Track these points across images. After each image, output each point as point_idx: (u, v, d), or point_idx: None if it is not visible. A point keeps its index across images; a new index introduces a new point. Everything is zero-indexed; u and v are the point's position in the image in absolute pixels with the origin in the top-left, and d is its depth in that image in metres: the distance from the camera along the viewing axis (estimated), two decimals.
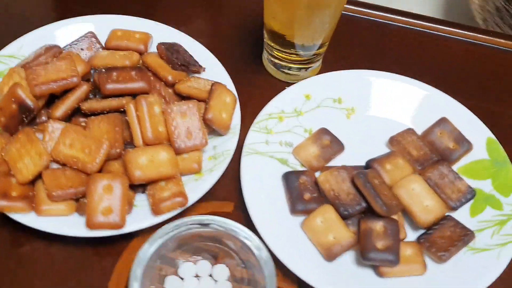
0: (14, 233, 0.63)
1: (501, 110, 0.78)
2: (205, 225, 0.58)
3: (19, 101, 0.64)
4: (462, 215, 0.66)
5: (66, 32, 0.76)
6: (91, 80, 0.71)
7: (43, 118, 0.68)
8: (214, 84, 0.69)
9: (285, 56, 0.75)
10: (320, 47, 0.75)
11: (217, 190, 0.67)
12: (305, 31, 0.71)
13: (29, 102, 0.64)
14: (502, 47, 0.84)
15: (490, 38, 0.84)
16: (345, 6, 0.84)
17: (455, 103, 0.73)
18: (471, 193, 0.66)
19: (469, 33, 0.84)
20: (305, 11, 0.68)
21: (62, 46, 0.73)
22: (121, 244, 0.63)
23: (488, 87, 0.81)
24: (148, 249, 0.56)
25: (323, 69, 0.79)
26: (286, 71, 0.77)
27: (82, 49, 0.74)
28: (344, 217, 0.63)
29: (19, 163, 0.62)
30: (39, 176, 0.62)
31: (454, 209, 0.66)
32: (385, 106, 0.74)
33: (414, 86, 0.74)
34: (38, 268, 0.61)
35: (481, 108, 0.76)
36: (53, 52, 0.70)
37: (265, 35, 0.76)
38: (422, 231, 0.65)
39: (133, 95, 0.67)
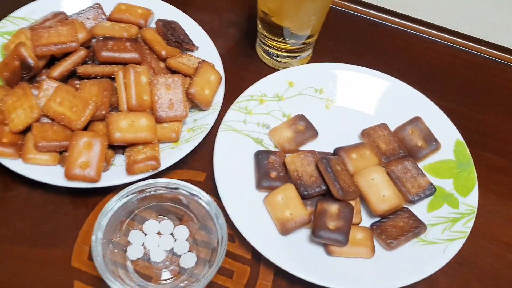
0: (1, 177, 0.69)
1: (473, 114, 0.81)
2: (173, 188, 0.64)
3: (22, 58, 0.70)
4: (419, 209, 0.69)
5: (76, 1, 0.81)
6: (92, 47, 0.76)
7: (43, 77, 0.74)
8: (201, 62, 0.74)
9: (275, 44, 0.79)
10: (308, 37, 0.79)
11: (193, 160, 0.72)
12: (293, 21, 0.75)
13: (30, 60, 0.70)
14: (486, 56, 0.86)
15: (475, 45, 0.86)
16: (342, 2, 0.88)
17: (430, 104, 0.76)
18: (431, 190, 0.69)
19: (455, 38, 0.87)
20: (293, 2, 0.72)
21: (70, 14, 0.79)
22: (96, 198, 0.68)
23: (467, 91, 0.83)
24: (114, 203, 0.61)
25: (313, 60, 0.83)
26: (275, 58, 0.81)
27: (88, 18, 0.80)
28: (303, 197, 0.67)
29: (13, 114, 0.68)
30: (29, 128, 0.68)
31: (411, 202, 0.69)
32: (363, 101, 0.77)
33: (394, 85, 0.78)
34: (20, 210, 0.67)
35: (456, 111, 0.79)
36: (60, 18, 0.76)
37: (258, 23, 0.80)
38: (377, 219, 0.68)
39: (126, 64, 0.73)
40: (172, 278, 0.63)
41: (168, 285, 0.62)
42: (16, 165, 0.66)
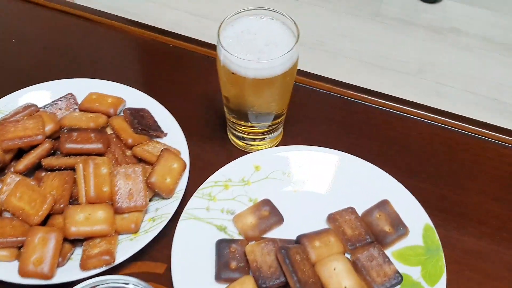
0: None
1: (451, 195, 0.77)
2: (123, 284, 0.62)
3: None
4: None
5: (49, 92, 0.84)
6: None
7: (12, 169, 0.75)
8: (163, 150, 0.74)
9: (243, 129, 0.79)
10: (274, 119, 0.78)
11: (153, 250, 0.71)
12: (254, 106, 0.75)
13: None
14: (467, 132, 0.84)
15: (455, 122, 0.84)
16: (313, 81, 0.88)
17: (399, 186, 0.74)
18: (397, 279, 0.66)
19: (435, 116, 0.85)
20: (251, 90, 0.72)
21: (43, 105, 0.81)
22: None
23: (446, 171, 0.80)
24: None
25: (283, 140, 0.82)
26: (244, 141, 0.81)
27: (60, 108, 0.82)
28: None
29: None
30: None
31: None
32: (332, 183, 0.76)
33: (363, 167, 0.76)
34: None
35: (433, 192, 0.77)
36: (30, 110, 0.79)
37: (224, 108, 0.81)
38: None
39: (90, 155, 0.73)
40: None
41: None
42: None
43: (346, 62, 1.91)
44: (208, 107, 0.88)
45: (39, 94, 0.83)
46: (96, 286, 0.62)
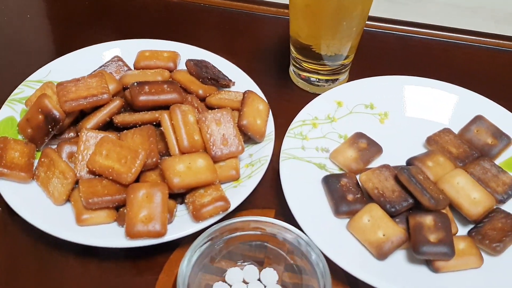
0: (50, 250, 0.60)
1: None
2: (259, 224, 0.57)
3: (46, 111, 0.64)
4: (511, 208, 0.64)
5: (92, 57, 0.76)
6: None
7: (72, 134, 0.67)
8: (247, 92, 0.69)
9: (313, 67, 0.75)
10: (346, 58, 0.75)
11: (256, 199, 0.66)
12: (331, 40, 0.71)
13: (55, 112, 0.64)
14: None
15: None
16: (368, 23, 0.85)
17: (488, 101, 0.72)
18: None
19: (489, 39, 0.85)
20: (331, 20, 0.68)
21: (90, 71, 0.74)
22: (161, 257, 0.60)
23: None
24: (191, 257, 0.54)
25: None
26: (314, 83, 0.77)
27: (110, 72, 0.74)
28: (391, 214, 0.61)
29: (50, 186, 0.61)
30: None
31: (501, 202, 0.64)
32: (417, 109, 0.73)
33: (445, 89, 0.74)
34: (75, 286, 0.59)
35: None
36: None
37: (292, 49, 0.76)
38: (471, 226, 0.62)
39: (166, 108, 0.66)
40: None
41: None
42: (70, 234, 0.58)
43: None
44: (264, 55, 0.83)
45: (82, 60, 0.75)
46: (218, 233, 0.56)
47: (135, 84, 0.67)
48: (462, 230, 0.62)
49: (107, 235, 0.58)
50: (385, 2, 0.90)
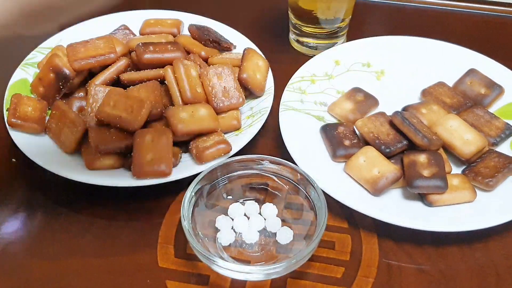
0: (62, 195, 0.64)
1: None
2: (258, 161, 0.60)
3: (56, 69, 0.67)
4: (503, 150, 0.66)
5: (100, 26, 0.80)
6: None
7: (81, 94, 0.71)
8: (246, 49, 0.72)
9: (312, 30, 0.79)
10: (342, 21, 0.78)
11: (257, 148, 0.69)
12: (327, 2, 0.75)
13: (66, 70, 0.67)
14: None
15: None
16: None
17: (481, 56, 0.75)
18: (510, 129, 0.67)
19: (483, 5, 0.88)
20: None
21: None
22: (167, 199, 0.63)
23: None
24: (193, 186, 0.57)
25: None
26: (313, 47, 0.80)
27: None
28: (386, 155, 0.63)
29: (61, 136, 0.64)
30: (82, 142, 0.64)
31: (494, 144, 0.66)
32: (413, 66, 0.76)
33: (440, 46, 0.77)
34: (89, 221, 0.62)
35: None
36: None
37: (291, 15, 0.80)
38: (465, 167, 0.64)
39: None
40: (269, 258, 0.57)
41: (268, 265, 0.56)
42: (80, 176, 0.61)
43: None
44: (264, 21, 0.87)
45: (90, 29, 0.79)
46: (229, 164, 0.59)
47: (140, 44, 0.70)
48: (456, 171, 0.64)
49: (116, 176, 0.61)
50: None
